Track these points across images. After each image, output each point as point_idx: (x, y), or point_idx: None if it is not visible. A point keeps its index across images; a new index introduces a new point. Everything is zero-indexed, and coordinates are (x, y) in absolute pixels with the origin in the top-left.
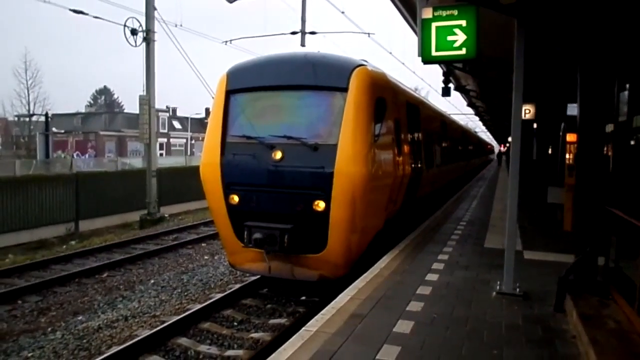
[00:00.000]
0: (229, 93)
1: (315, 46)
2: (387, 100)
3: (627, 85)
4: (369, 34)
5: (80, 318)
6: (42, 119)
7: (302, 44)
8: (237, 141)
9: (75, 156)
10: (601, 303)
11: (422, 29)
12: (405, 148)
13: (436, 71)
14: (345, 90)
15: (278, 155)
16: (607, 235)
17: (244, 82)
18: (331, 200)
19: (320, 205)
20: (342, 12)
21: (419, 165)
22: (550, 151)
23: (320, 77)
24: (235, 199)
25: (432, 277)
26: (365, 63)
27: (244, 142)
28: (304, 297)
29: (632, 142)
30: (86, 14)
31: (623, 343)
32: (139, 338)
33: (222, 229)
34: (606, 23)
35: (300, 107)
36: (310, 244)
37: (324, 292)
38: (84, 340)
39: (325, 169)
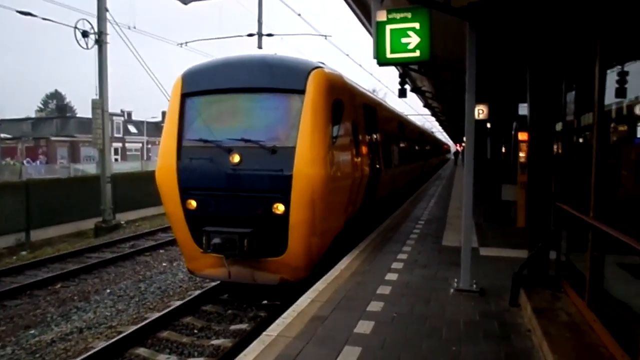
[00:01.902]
0: (185, 96)
1: (272, 48)
2: (344, 102)
3: (574, 86)
4: (325, 36)
5: (32, 332)
6: None
7: (259, 46)
8: (193, 145)
9: (25, 163)
10: (554, 296)
11: (376, 31)
12: (363, 149)
13: (393, 73)
14: (302, 92)
15: (236, 158)
16: (557, 230)
17: (200, 85)
18: (290, 203)
19: (280, 208)
20: (299, 15)
21: (377, 166)
22: (503, 150)
23: (278, 79)
24: (193, 204)
25: (391, 276)
26: (322, 65)
27: (201, 145)
28: (265, 301)
29: (580, 140)
30: (35, 16)
31: (575, 334)
32: (94, 350)
33: (180, 235)
34: (553, 25)
35: (257, 109)
36: (271, 248)
37: (285, 295)
38: (37, 355)
39: (284, 172)
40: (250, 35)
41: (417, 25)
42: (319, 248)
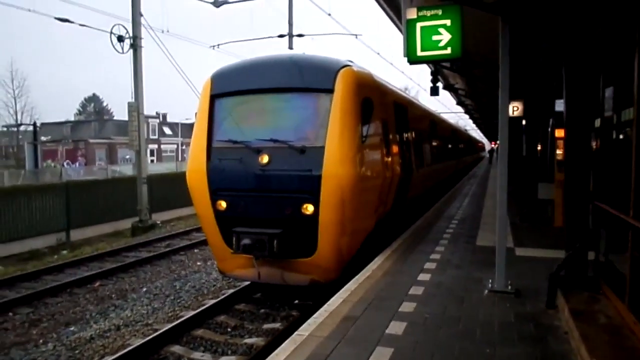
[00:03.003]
0: (214, 97)
1: (303, 48)
2: (374, 101)
3: (612, 80)
4: (356, 35)
5: (72, 329)
6: (31, 128)
7: (290, 47)
8: (223, 146)
9: (65, 165)
10: (592, 298)
11: (406, 29)
12: (394, 148)
13: (425, 70)
14: (331, 91)
15: (265, 159)
16: (596, 230)
17: (229, 86)
18: (320, 204)
19: (309, 208)
20: (329, 15)
21: (409, 165)
22: (539, 147)
23: (306, 78)
24: (223, 204)
25: (424, 277)
26: (351, 63)
27: (230, 146)
28: (297, 301)
29: (620, 137)
30: (72, 22)
31: (614, 338)
32: (131, 347)
33: (210, 236)
34: (589, 18)
35: (286, 109)
36: (300, 248)
37: (317, 295)
38: (76, 351)
39: (313, 172)
40: (281, 36)
41: (448, 22)
42: (349, 249)
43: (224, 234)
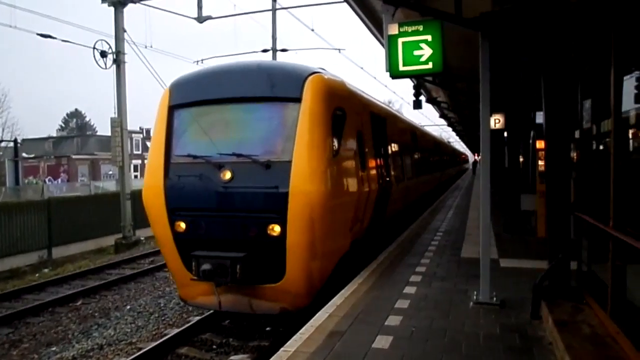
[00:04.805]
0: (172, 108)
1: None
2: (347, 111)
3: (590, 92)
4: (339, 49)
5: (54, 349)
6: (11, 144)
7: None
8: (182, 161)
9: (47, 181)
10: (575, 308)
11: (388, 44)
12: (371, 162)
13: (408, 84)
14: (298, 100)
15: (227, 175)
16: (578, 240)
17: (189, 96)
18: (287, 224)
19: (276, 229)
20: (312, 30)
21: (388, 179)
22: (521, 159)
23: (271, 87)
24: (182, 225)
25: (410, 290)
26: (321, 71)
27: (190, 162)
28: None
29: (600, 147)
30: (54, 38)
31: (597, 348)
32: None
33: (169, 260)
34: (566, 32)
35: (249, 120)
36: (267, 273)
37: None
38: None
39: (279, 189)
40: (265, 50)
41: (429, 38)
42: (321, 272)
43: (184, 257)
